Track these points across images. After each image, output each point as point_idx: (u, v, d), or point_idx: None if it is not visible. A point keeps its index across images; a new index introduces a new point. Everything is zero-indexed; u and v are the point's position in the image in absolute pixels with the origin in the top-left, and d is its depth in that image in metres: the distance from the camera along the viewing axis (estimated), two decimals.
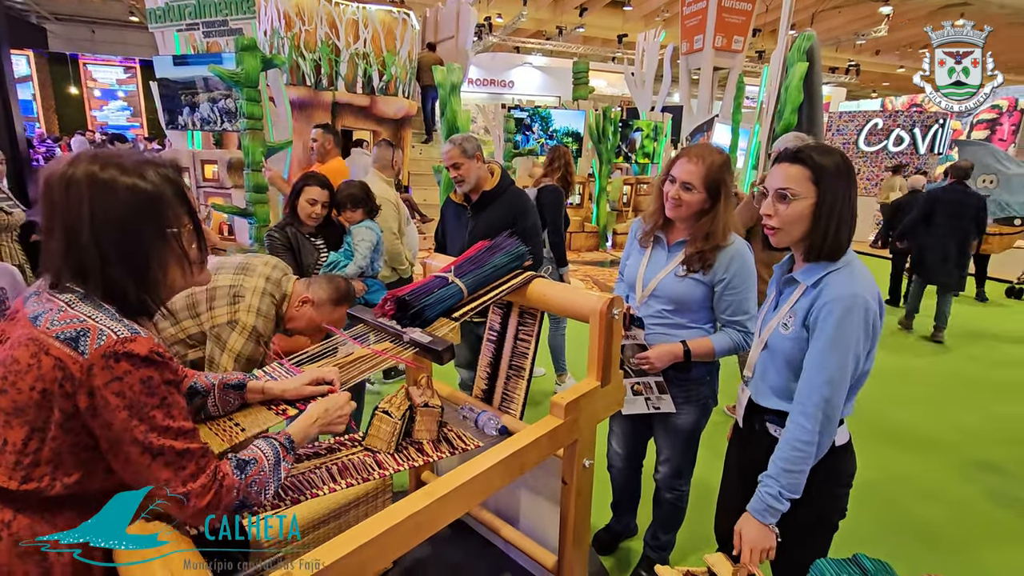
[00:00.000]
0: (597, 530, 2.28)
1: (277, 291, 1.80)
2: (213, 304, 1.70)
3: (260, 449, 0.98)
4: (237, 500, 0.90)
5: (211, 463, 0.87)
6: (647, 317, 1.80)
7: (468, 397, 1.91)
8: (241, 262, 1.82)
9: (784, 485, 1.24)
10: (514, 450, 1.31)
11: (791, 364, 1.30)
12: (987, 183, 6.52)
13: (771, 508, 1.26)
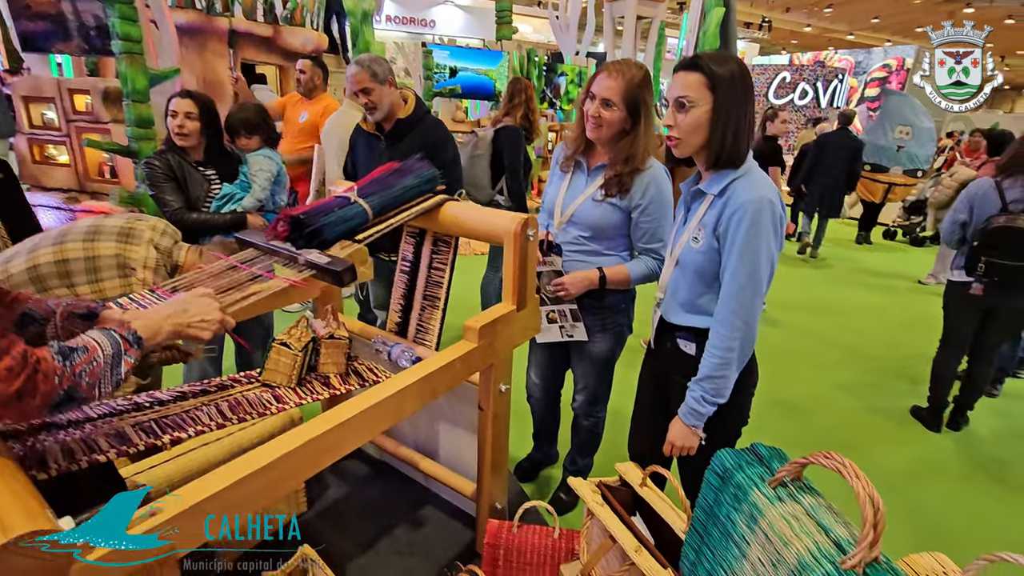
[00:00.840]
0: (519, 460, 2.31)
1: (168, 262, 1.64)
2: (100, 276, 1.57)
3: (93, 339, 0.85)
4: (62, 390, 0.79)
5: (17, 347, 0.75)
6: (565, 244, 1.77)
7: (381, 331, 1.82)
8: (123, 227, 1.64)
9: (707, 390, 1.29)
10: (425, 373, 1.25)
11: (702, 277, 1.32)
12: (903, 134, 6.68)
13: (694, 411, 1.32)
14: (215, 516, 0.87)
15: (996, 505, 2.34)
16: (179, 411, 1.16)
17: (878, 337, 4.12)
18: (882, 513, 0.67)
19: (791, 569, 0.71)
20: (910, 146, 6.68)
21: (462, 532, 1.87)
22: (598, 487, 1.26)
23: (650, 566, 1.03)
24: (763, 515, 0.78)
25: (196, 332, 1.02)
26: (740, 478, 0.84)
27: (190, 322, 1.01)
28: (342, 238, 1.39)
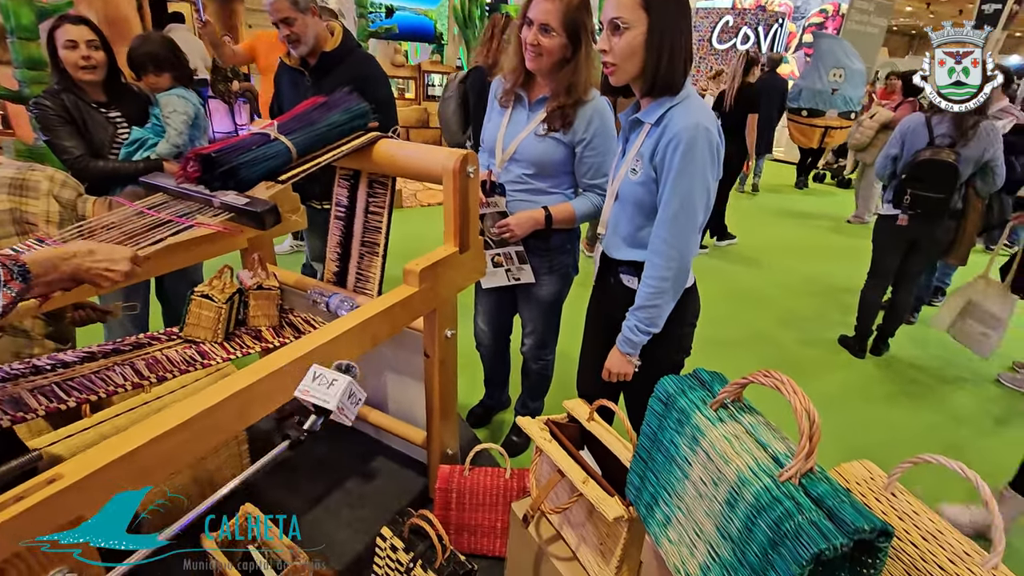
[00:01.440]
0: (471, 407, 2.31)
1: (73, 216, 1.47)
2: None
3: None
4: None
5: None
6: (508, 183, 1.71)
7: (318, 282, 1.72)
8: (14, 178, 1.46)
9: (640, 319, 1.29)
10: (362, 319, 1.18)
11: (642, 209, 1.30)
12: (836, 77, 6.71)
13: (629, 340, 1.33)
14: (131, 477, 0.80)
15: (914, 422, 2.55)
16: (86, 372, 1.05)
17: (809, 274, 4.33)
18: (817, 425, 0.68)
19: (731, 485, 0.72)
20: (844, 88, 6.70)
21: (415, 480, 1.86)
22: (546, 424, 1.26)
23: (597, 495, 1.03)
24: (704, 436, 0.78)
25: (98, 276, 0.91)
26: (683, 403, 0.84)
27: (92, 265, 0.90)
28: (263, 179, 1.27)
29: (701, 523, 0.78)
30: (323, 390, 0.77)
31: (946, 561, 0.67)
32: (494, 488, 1.51)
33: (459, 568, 1.28)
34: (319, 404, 0.76)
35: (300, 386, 0.78)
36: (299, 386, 0.77)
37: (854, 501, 0.65)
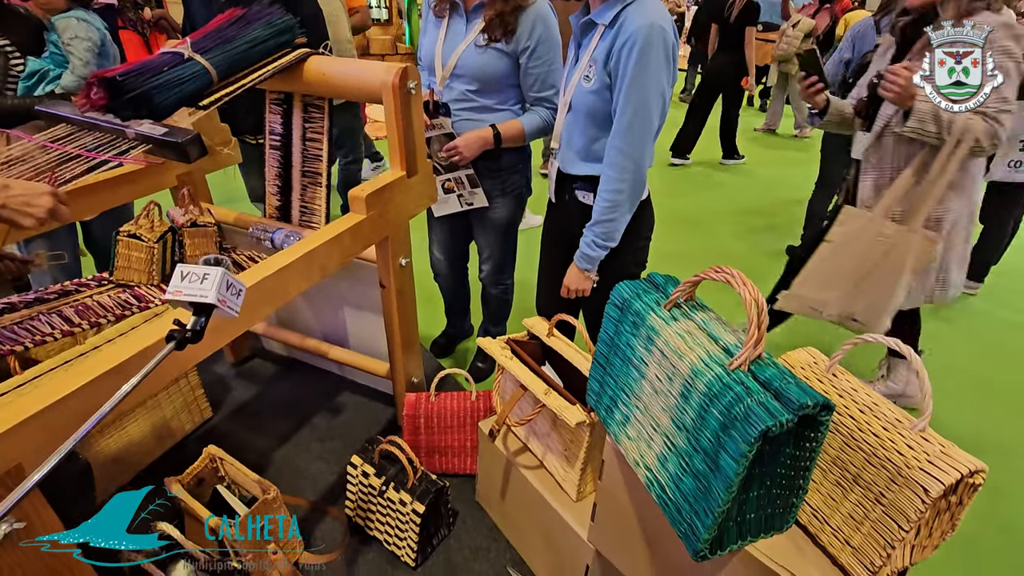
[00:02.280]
0: (434, 338, 2.32)
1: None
2: None
3: None
4: None
5: None
6: (452, 103, 1.62)
7: (260, 218, 1.63)
8: None
9: (597, 234, 1.29)
10: (308, 249, 1.13)
11: (595, 120, 1.26)
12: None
13: (586, 255, 1.33)
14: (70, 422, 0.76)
15: None
16: (7, 324, 0.98)
17: (759, 188, 4.42)
18: (765, 313, 0.70)
19: (685, 378, 0.74)
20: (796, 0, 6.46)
21: (383, 411, 1.88)
22: (507, 343, 1.27)
23: (559, 404, 1.06)
24: (659, 335, 0.80)
25: (17, 214, 0.84)
26: (638, 306, 0.85)
27: (7, 201, 0.82)
28: (182, 105, 1.15)
29: (657, 418, 0.81)
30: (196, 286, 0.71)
31: (880, 429, 0.72)
32: (461, 410, 1.53)
33: (431, 486, 1.32)
34: (197, 301, 0.71)
35: (169, 288, 0.72)
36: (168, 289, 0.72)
37: (799, 381, 0.68)
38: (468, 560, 1.39)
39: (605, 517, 1.05)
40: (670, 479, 0.78)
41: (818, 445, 0.71)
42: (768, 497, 0.75)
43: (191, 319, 0.73)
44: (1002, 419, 2.12)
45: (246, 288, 0.79)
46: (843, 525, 0.76)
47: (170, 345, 0.71)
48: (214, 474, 1.38)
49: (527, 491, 1.26)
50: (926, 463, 0.67)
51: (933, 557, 0.76)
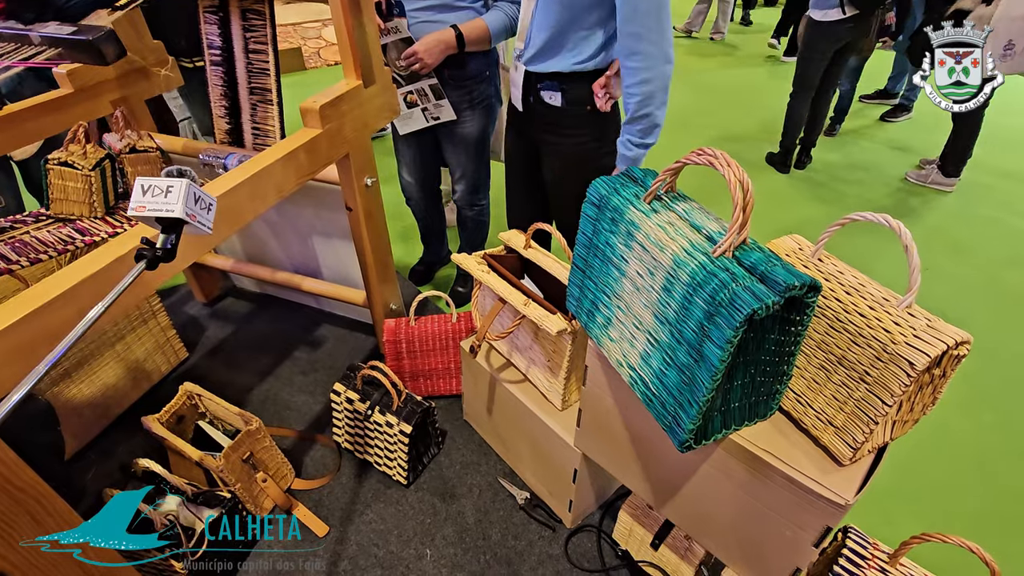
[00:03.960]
0: (412, 265, 2.26)
1: None
2: None
3: None
4: None
5: None
6: (407, 2, 1.48)
7: (210, 144, 1.51)
8: None
9: (633, 132, 1.21)
10: (261, 167, 1.04)
11: (570, 5, 1.14)
12: None
13: (624, 156, 1.25)
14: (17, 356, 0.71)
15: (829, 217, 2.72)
16: None
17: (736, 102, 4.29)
18: (751, 195, 0.65)
19: (667, 271, 0.70)
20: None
21: (365, 340, 1.85)
22: (484, 258, 1.22)
23: (539, 314, 1.03)
24: (639, 229, 0.75)
25: None
26: (616, 201, 0.80)
27: None
28: (96, 6, 1.01)
29: (640, 315, 0.78)
30: (161, 200, 0.64)
31: (866, 308, 0.70)
32: (442, 333, 1.51)
33: (416, 407, 1.31)
34: (163, 216, 0.64)
35: (131, 204, 0.65)
36: (130, 205, 0.65)
37: (785, 264, 0.65)
38: (460, 475, 1.42)
39: (590, 422, 1.06)
40: (654, 375, 0.76)
41: (803, 329, 0.69)
42: (752, 385, 0.75)
43: (160, 237, 0.66)
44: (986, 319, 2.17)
45: (216, 201, 0.71)
46: (826, 407, 0.77)
47: (140, 265, 0.64)
48: (194, 411, 1.35)
49: (513, 405, 1.26)
50: (912, 337, 0.65)
51: (910, 434, 0.77)
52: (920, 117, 3.86)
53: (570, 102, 1.31)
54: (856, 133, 3.68)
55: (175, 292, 2.06)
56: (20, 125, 1.25)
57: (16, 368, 0.70)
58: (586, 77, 1.27)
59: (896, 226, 0.67)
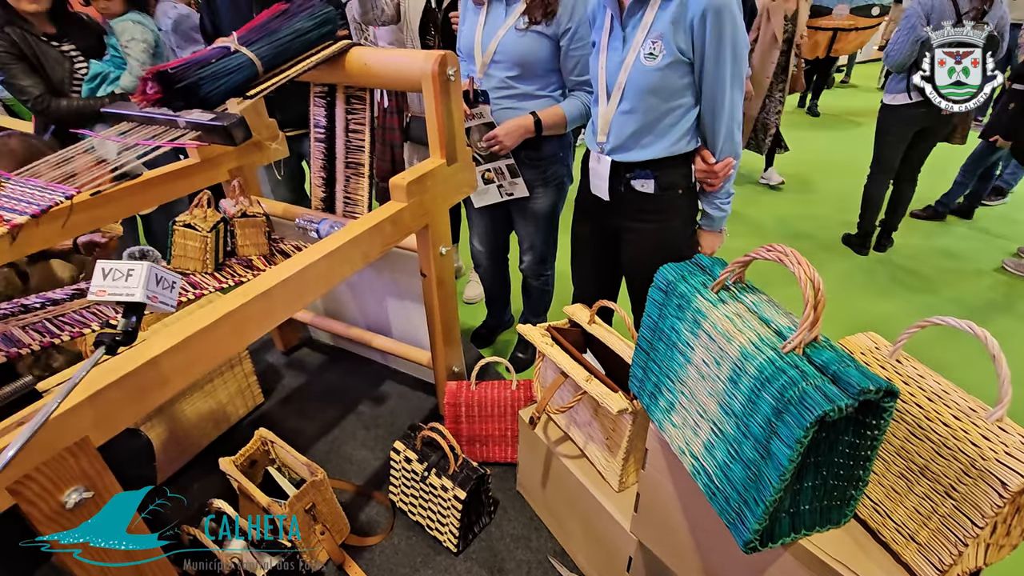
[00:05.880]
0: (475, 328, 2.33)
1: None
2: None
3: None
4: None
5: None
6: (492, 90, 1.62)
7: (306, 209, 1.67)
8: None
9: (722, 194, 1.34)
10: (351, 237, 1.15)
11: (662, 95, 1.22)
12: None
13: (722, 217, 1.39)
14: (130, 399, 0.80)
15: (916, 309, 2.56)
16: (77, 308, 1.04)
17: (809, 174, 4.22)
18: (822, 293, 0.66)
19: (734, 362, 0.71)
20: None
21: (425, 400, 1.90)
22: (547, 330, 1.25)
23: (600, 391, 1.04)
24: (706, 318, 0.76)
25: None
26: (683, 288, 0.82)
27: None
28: (230, 95, 1.19)
29: (704, 404, 0.78)
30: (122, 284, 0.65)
31: (951, 418, 0.67)
32: (501, 399, 1.53)
33: (472, 473, 1.32)
34: (124, 300, 0.65)
35: (92, 288, 0.66)
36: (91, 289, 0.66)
37: (859, 365, 0.64)
38: (510, 548, 1.39)
39: (649, 507, 1.03)
40: (718, 467, 0.75)
41: (880, 434, 0.66)
42: (824, 488, 0.71)
43: (120, 321, 0.68)
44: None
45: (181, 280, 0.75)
46: (908, 520, 0.72)
47: (100, 350, 0.67)
48: (266, 456, 1.43)
49: (568, 481, 1.24)
50: (1004, 455, 0.61)
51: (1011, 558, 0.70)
52: (1018, 201, 3.64)
53: (663, 187, 1.35)
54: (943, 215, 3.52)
55: (258, 340, 2.22)
56: (154, 189, 1.45)
57: (133, 409, 0.79)
58: (678, 160, 1.33)
59: (982, 335, 0.65)
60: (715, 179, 1.33)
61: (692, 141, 1.31)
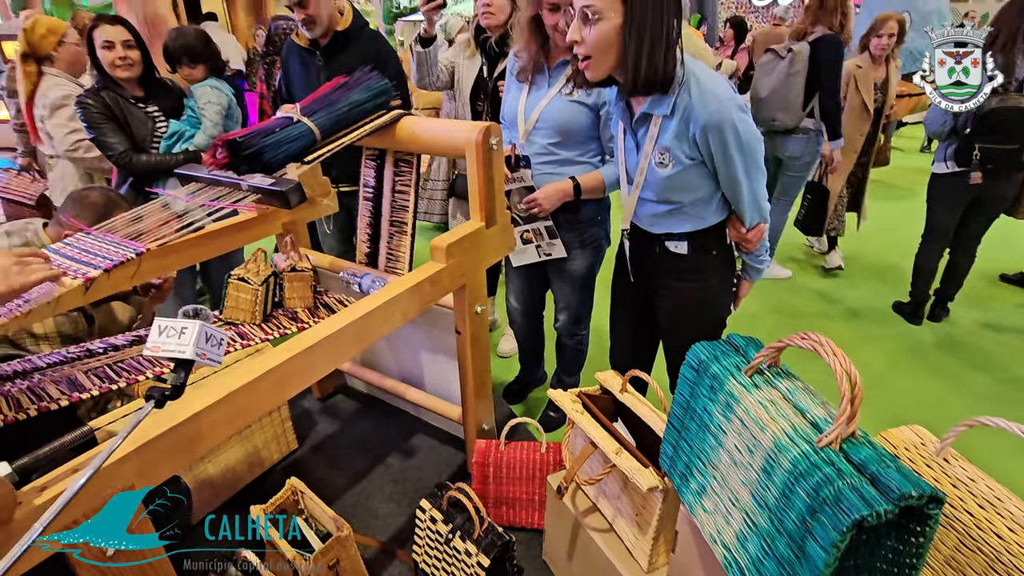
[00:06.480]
0: (507, 383, 2.32)
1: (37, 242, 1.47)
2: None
3: None
4: None
5: None
6: (533, 156, 1.68)
7: (350, 263, 1.75)
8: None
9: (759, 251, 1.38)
10: (391, 296, 1.19)
11: (682, 190, 1.27)
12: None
13: (759, 271, 1.42)
14: (177, 448, 0.84)
15: (972, 389, 2.40)
16: (135, 355, 1.11)
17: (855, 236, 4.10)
18: (859, 387, 0.64)
19: (767, 452, 0.69)
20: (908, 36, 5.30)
21: (454, 455, 1.89)
22: (579, 396, 1.25)
23: (631, 466, 1.02)
24: (739, 403, 0.75)
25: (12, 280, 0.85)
26: (716, 369, 0.81)
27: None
28: (289, 160, 1.28)
29: (737, 492, 0.75)
30: (175, 341, 0.70)
31: (1005, 529, 0.62)
32: (530, 462, 1.51)
33: (497, 539, 1.30)
34: (176, 356, 0.70)
35: (147, 344, 0.71)
36: (146, 344, 0.71)
37: (900, 466, 0.61)
38: None
39: None
40: (751, 562, 0.72)
41: (926, 541, 0.62)
42: None
43: (170, 375, 0.73)
44: None
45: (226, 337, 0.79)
46: None
47: (150, 404, 0.72)
48: (295, 506, 1.44)
49: (595, 555, 1.20)
50: None
51: None
52: None
53: (696, 249, 1.37)
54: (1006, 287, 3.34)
55: None
56: (214, 241, 1.55)
57: (177, 460, 0.83)
58: (710, 228, 1.34)
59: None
60: (749, 244, 1.35)
61: (721, 213, 1.33)
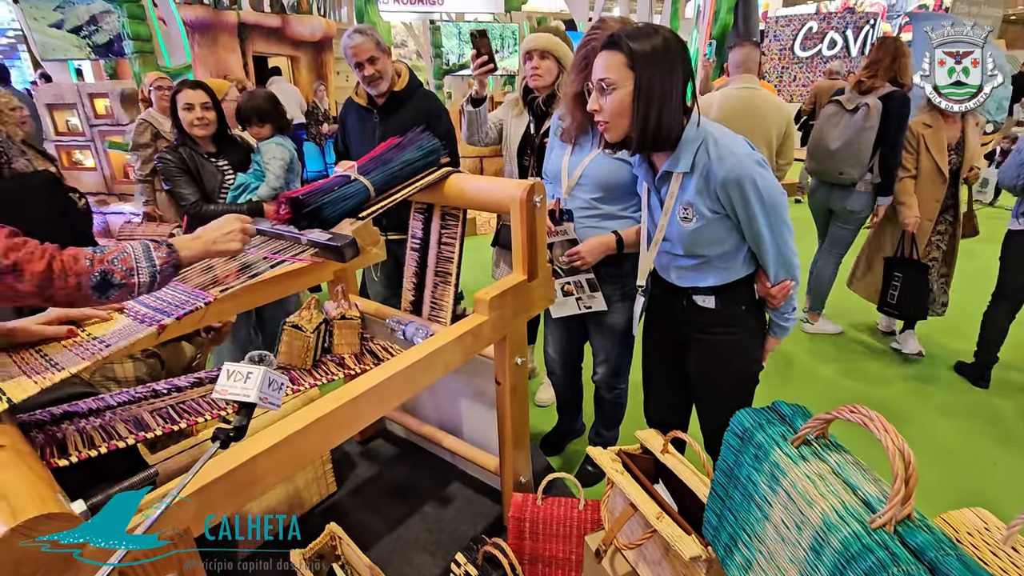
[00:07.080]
0: (545, 433, 2.30)
1: None
2: None
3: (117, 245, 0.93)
4: (95, 273, 0.86)
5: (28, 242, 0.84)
6: (576, 210, 1.72)
7: (395, 311, 1.81)
8: None
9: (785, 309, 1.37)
10: (434, 348, 1.23)
11: (706, 244, 1.30)
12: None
13: (785, 328, 1.41)
14: (229, 493, 0.87)
15: None
16: (196, 396, 1.17)
17: None
18: (913, 467, 0.62)
19: (816, 530, 0.67)
20: None
21: (490, 507, 1.88)
22: (618, 455, 1.23)
23: (672, 532, 0.99)
24: (785, 475, 0.73)
25: (226, 244, 1.05)
26: (761, 437, 0.80)
27: (217, 237, 1.04)
28: (345, 216, 1.37)
29: (785, 569, 0.73)
30: (240, 385, 0.76)
31: None
32: (568, 519, 1.48)
33: None
34: (240, 400, 0.76)
35: (216, 387, 0.77)
36: (215, 387, 0.77)
37: (962, 554, 0.58)
38: None
39: None
40: None
41: None
42: None
43: (235, 417, 0.79)
44: None
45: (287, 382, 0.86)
46: None
47: (215, 445, 0.78)
48: (332, 552, 1.45)
49: None
50: None
51: None
52: None
53: (724, 303, 1.37)
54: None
55: None
56: (270, 287, 1.64)
57: (229, 502, 0.87)
58: (738, 281, 1.35)
59: None
60: (774, 300, 1.35)
61: (749, 266, 1.35)
